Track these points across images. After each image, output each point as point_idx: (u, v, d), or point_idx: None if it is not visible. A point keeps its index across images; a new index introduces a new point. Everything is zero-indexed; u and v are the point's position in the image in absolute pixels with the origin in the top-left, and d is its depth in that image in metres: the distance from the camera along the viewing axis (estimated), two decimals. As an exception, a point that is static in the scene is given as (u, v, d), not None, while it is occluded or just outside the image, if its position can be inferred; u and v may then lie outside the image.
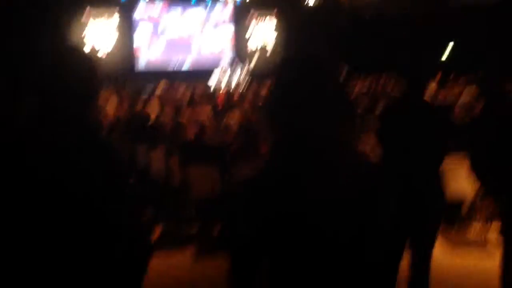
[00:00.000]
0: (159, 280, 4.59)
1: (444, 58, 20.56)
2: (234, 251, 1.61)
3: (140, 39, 22.98)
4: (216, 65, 23.08)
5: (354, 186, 1.57)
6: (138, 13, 22.83)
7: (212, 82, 22.04)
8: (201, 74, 22.64)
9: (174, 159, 6.08)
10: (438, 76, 13.11)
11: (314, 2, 20.65)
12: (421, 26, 20.19)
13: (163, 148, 6.39)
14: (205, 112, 8.78)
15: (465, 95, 7.57)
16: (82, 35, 21.42)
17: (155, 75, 22.29)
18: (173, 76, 22.61)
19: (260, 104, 8.80)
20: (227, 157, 5.88)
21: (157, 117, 8.15)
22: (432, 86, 7.57)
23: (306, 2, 20.92)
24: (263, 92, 11.08)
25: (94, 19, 21.72)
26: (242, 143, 6.00)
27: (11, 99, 3.23)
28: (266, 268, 1.59)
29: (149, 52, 23.25)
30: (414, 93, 3.73)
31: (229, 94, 13.59)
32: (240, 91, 14.78)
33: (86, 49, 21.45)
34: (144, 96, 12.40)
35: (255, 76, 22.44)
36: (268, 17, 24.38)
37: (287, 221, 1.54)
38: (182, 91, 13.31)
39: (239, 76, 22.25)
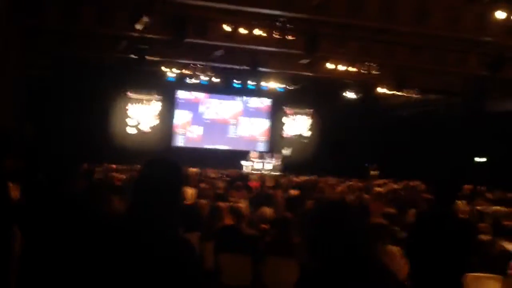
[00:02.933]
0: None
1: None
2: None
3: (181, 118, 23.92)
4: (250, 148, 23.83)
5: None
6: (180, 94, 23.83)
7: (244, 164, 22.65)
8: (236, 154, 23.39)
9: (209, 245, 6.26)
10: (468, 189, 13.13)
11: (353, 97, 21.25)
12: (456, 128, 20.41)
13: (198, 233, 6.58)
14: (241, 198, 9.05)
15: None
16: (129, 114, 22.71)
17: (192, 151, 23.10)
18: (209, 154, 23.45)
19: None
20: (261, 247, 6.05)
21: (195, 198, 8.39)
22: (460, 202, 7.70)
23: (342, 100, 21.59)
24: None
25: (140, 100, 23.01)
26: (275, 235, 6.19)
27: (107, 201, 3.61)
28: None
29: (187, 130, 24.07)
30: (441, 208, 3.93)
31: (262, 180, 13.85)
32: (273, 178, 15.03)
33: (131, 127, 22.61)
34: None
35: (287, 166, 22.98)
36: (302, 114, 25.21)
37: None
38: (218, 174, 13.50)
39: (271, 163, 22.83)
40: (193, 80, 20.43)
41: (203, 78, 19.94)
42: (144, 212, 2.09)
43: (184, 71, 19.14)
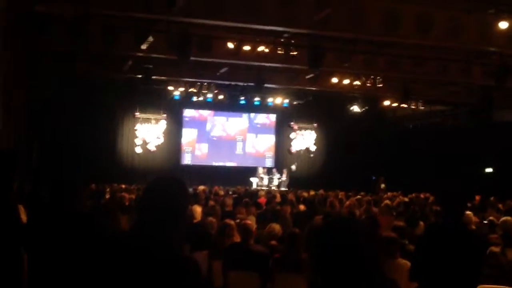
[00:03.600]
0: None
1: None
2: None
3: (188, 136, 23.99)
4: (257, 164, 23.85)
5: None
6: (187, 112, 23.92)
7: (253, 181, 22.65)
8: (243, 171, 23.41)
9: (218, 263, 6.23)
10: (477, 199, 13.03)
11: (359, 110, 21.28)
12: (463, 139, 20.32)
13: (206, 252, 6.56)
14: (250, 215, 9.03)
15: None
16: (137, 134, 22.78)
17: (200, 169, 23.13)
18: (217, 171, 23.46)
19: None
20: (270, 264, 6.01)
21: (203, 216, 8.37)
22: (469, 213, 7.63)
23: (347, 113, 21.61)
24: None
25: (148, 119, 23.08)
26: (284, 251, 6.16)
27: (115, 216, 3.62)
28: None
29: (195, 148, 24.11)
30: (451, 220, 3.85)
31: (270, 196, 13.82)
32: (281, 194, 14.99)
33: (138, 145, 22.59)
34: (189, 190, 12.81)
35: (294, 181, 22.96)
36: (308, 129, 25.21)
37: None
38: (226, 191, 13.49)
39: (278, 179, 22.84)
40: (199, 98, 20.54)
41: (209, 95, 20.04)
42: (148, 230, 2.09)
43: (190, 89, 19.25)
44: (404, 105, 19.97)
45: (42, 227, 3.37)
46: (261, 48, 13.44)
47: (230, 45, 13.27)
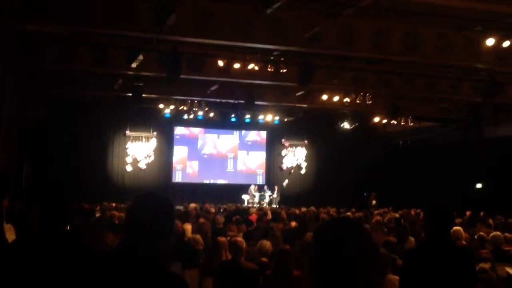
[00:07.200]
0: None
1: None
2: None
3: (178, 153, 23.92)
4: (248, 181, 23.82)
5: None
6: (177, 130, 23.88)
7: (244, 198, 22.61)
8: (234, 188, 23.36)
9: (209, 281, 6.20)
10: (467, 215, 13.07)
11: (349, 127, 21.35)
12: (453, 155, 20.42)
13: (198, 269, 6.54)
14: (241, 232, 8.99)
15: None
16: (128, 152, 22.69)
17: (191, 187, 23.05)
18: (208, 189, 23.39)
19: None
20: (261, 281, 5.98)
21: (193, 233, 8.34)
22: (458, 228, 7.64)
23: (338, 130, 21.68)
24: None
25: (139, 137, 23.00)
26: (275, 268, 6.13)
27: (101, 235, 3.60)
28: None
29: (186, 166, 24.04)
30: (438, 237, 3.82)
31: (261, 213, 13.78)
32: (271, 211, 14.95)
33: (128, 164, 22.47)
34: (179, 208, 12.78)
35: (285, 198, 22.94)
36: (299, 146, 25.24)
37: None
38: (217, 209, 13.44)
39: (270, 196, 22.80)
40: (190, 116, 20.54)
41: (200, 113, 20.05)
42: (134, 247, 2.07)
43: (180, 107, 19.27)
44: (394, 122, 20.08)
45: (30, 247, 3.34)
46: (251, 66, 13.50)
47: (220, 63, 13.32)
